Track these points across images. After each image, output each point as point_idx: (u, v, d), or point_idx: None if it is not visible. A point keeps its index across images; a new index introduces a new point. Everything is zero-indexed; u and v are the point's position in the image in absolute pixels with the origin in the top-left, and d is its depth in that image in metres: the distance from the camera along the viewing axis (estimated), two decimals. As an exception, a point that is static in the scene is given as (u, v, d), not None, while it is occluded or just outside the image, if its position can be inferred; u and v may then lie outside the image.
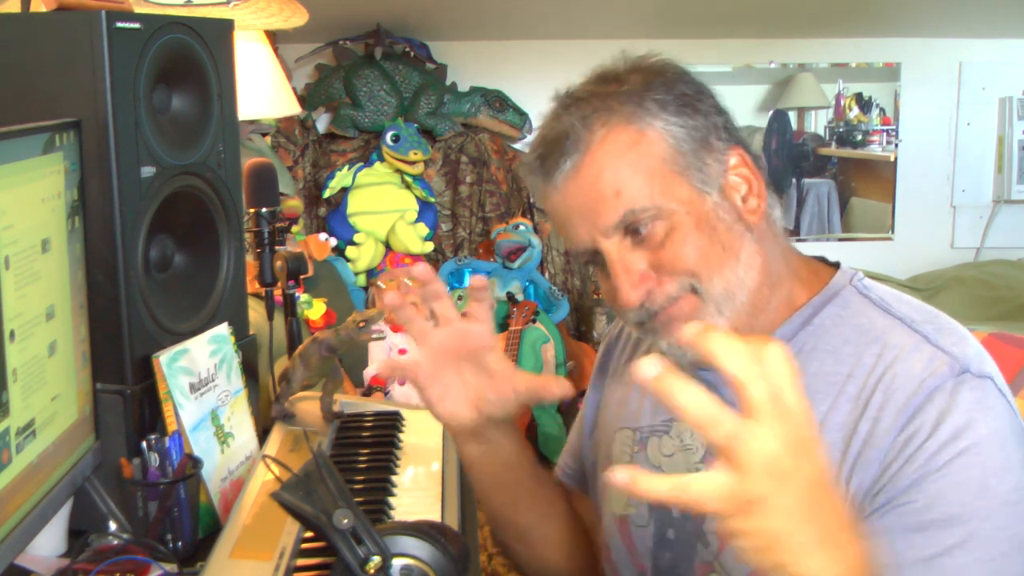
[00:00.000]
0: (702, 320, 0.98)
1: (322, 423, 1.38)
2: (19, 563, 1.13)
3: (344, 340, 1.36)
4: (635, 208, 0.96)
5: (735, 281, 0.98)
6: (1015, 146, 3.53)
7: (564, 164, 0.98)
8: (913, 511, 0.90)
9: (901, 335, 0.97)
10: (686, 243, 0.97)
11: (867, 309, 1.02)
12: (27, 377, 1.02)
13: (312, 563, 1.01)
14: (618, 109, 0.97)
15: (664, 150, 0.97)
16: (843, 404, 0.96)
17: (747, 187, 1.01)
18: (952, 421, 0.90)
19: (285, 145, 3.23)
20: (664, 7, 3.01)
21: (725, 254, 0.98)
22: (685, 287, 0.98)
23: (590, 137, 0.97)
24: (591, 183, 0.97)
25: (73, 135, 1.14)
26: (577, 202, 0.98)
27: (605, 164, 0.96)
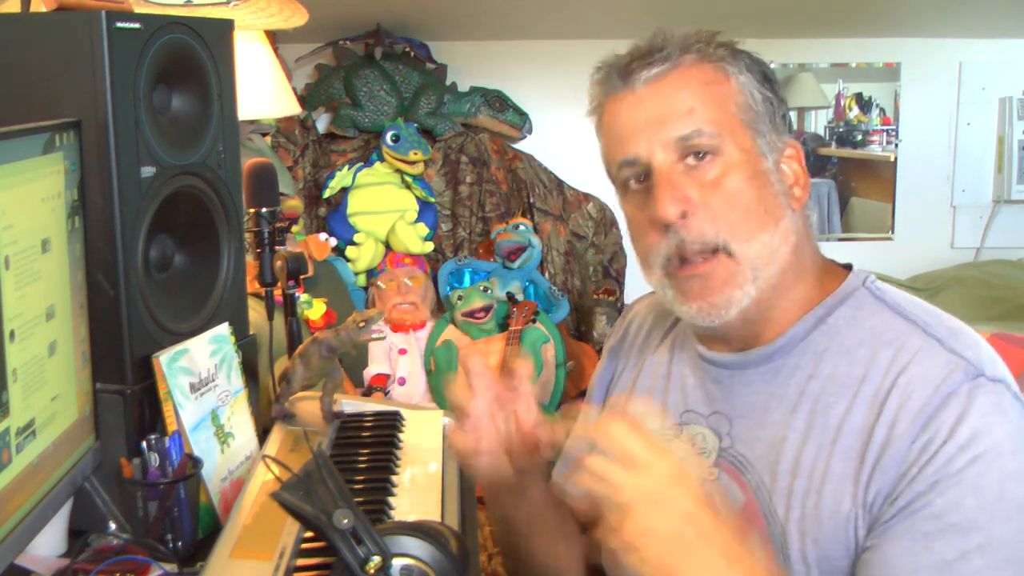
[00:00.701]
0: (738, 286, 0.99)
1: (322, 423, 1.38)
2: (19, 563, 1.13)
3: (344, 340, 1.35)
4: (703, 129, 0.99)
5: (770, 248, 0.99)
6: (1015, 146, 3.53)
7: (651, 70, 1.01)
8: (930, 516, 0.90)
9: (916, 339, 0.97)
10: (737, 188, 0.99)
11: (881, 311, 1.02)
12: (27, 377, 1.02)
13: (312, 563, 1.01)
14: (712, 51, 1.02)
15: (742, 101, 1.01)
16: (859, 407, 0.96)
17: (795, 179, 1.04)
18: (968, 425, 0.90)
19: (285, 145, 3.23)
20: (664, 7, 3.01)
21: (767, 218, 0.99)
22: (718, 239, 0.98)
23: (683, 57, 1.01)
24: (670, 94, 1.00)
25: (73, 135, 1.14)
26: (650, 108, 1.00)
27: (688, 84, 1.00)
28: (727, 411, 1.06)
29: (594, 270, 3.36)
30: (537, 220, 3.29)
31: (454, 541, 0.89)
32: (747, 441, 1.04)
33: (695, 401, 1.09)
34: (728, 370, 1.07)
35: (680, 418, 1.10)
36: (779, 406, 1.02)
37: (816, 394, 0.99)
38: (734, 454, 1.04)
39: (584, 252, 3.36)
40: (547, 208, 3.32)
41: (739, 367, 1.06)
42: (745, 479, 1.03)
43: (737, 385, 1.06)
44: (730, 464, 1.04)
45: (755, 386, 1.04)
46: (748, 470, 1.03)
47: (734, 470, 1.04)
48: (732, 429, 1.05)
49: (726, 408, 1.06)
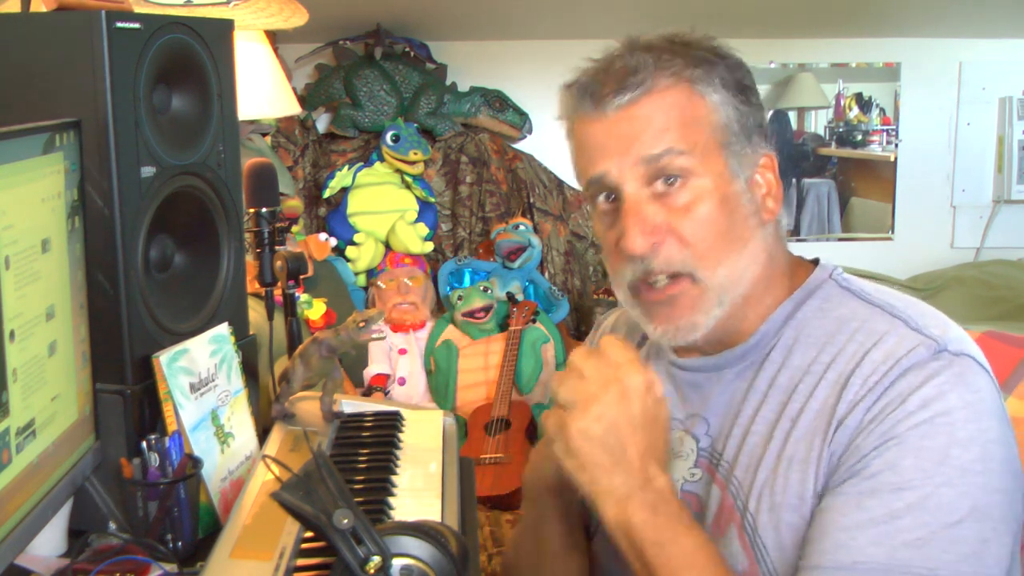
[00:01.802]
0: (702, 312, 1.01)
1: (322, 423, 1.38)
2: (19, 563, 1.13)
3: (344, 340, 1.35)
4: (674, 147, 0.98)
5: (736, 271, 1.00)
6: (1015, 146, 3.53)
7: (622, 96, 0.99)
8: (867, 476, 0.91)
9: (881, 321, 0.98)
10: (706, 216, 0.99)
11: (848, 300, 1.03)
12: (27, 377, 1.02)
13: (312, 563, 1.01)
14: (688, 69, 1.00)
15: (716, 122, 1.00)
16: (821, 390, 0.97)
17: (767, 190, 1.03)
18: (921, 394, 0.91)
19: (285, 145, 3.23)
20: (664, 7, 3.01)
21: (734, 243, 1.00)
22: (687, 268, 0.99)
23: (656, 81, 0.99)
24: (643, 118, 0.99)
25: (73, 135, 1.14)
26: (621, 131, 0.99)
27: (662, 108, 0.99)
28: (704, 412, 1.07)
29: (594, 270, 3.36)
30: (537, 220, 3.29)
31: (454, 541, 0.89)
32: (721, 438, 1.05)
33: (673, 406, 1.10)
34: (704, 373, 1.08)
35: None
36: (751, 399, 1.03)
37: (785, 385, 1.01)
38: (711, 452, 1.06)
39: (584, 252, 3.36)
40: (547, 208, 3.32)
41: (714, 369, 1.07)
42: (720, 476, 1.04)
43: (713, 385, 1.07)
44: (707, 463, 1.06)
45: (730, 384, 1.06)
46: (722, 467, 1.04)
47: (711, 468, 1.05)
48: (709, 428, 1.07)
49: (702, 409, 1.08)
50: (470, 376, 2.91)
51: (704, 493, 1.05)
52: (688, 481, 1.07)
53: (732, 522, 1.01)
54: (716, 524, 1.03)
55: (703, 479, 1.06)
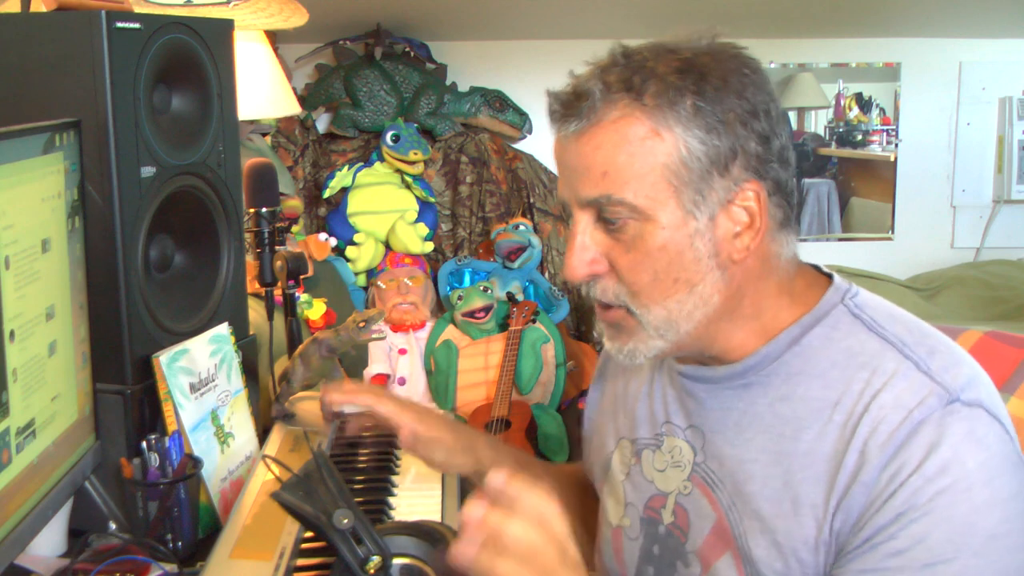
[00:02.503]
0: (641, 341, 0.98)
1: (322, 423, 1.38)
2: (19, 563, 1.13)
3: (344, 340, 1.35)
4: (612, 196, 0.93)
5: (678, 312, 0.96)
6: (1015, 146, 3.53)
7: (570, 125, 0.95)
8: (894, 551, 0.88)
9: (891, 360, 0.94)
10: (645, 257, 0.94)
11: (858, 331, 0.98)
12: (27, 377, 1.02)
13: (312, 563, 1.01)
14: (648, 99, 0.92)
15: (670, 158, 0.92)
16: (831, 432, 0.94)
17: (747, 223, 0.95)
18: (939, 455, 0.88)
19: (285, 145, 3.23)
20: (664, 7, 3.01)
21: (676, 285, 0.95)
22: (621, 301, 0.97)
23: (605, 112, 0.92)
24: (586, 153, 0.94)
25: (73, 135, 1.14)
26: (569, 161, 0.96)
27: (604, 143, 0.93)
28: (701, 425, 1.05)
29: (594, 270, 3.36)
30: (537, 220, 3.29)
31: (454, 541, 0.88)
32: (718, 457, 1.02)
33: (674, 413, 1.08)
34: (703, 384, 1.05)
35: (661, 428, 1.10)
36: (750, 424, 1.00)
37: (788, 417, 0.97)
38: (706, 469, 1.03)
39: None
40: (547, 208, 3.32)
41: (712, 382, 1.04)
42: (716, 496, 1.01)
43: (710, 399, 1.04)
44: (702, 480, 1.03)
45: (728, 402, 1.02)
46: (718, 487, 1.01)
47: (705, 486, 1.03)
48: (705, 444, 1.04)
49: (700, 422, 1.05)
50: (470, 376, 2.91)
51: (694, 510, 1.03)
52: (681, 493, 1.05)
53: (728, 549, 0.99)
54: (707, 545, 1.01)
55: (693, 494, 1.04)
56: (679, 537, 1.05)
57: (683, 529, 1.04)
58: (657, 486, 1.08)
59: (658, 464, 1.09)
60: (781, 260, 0.99)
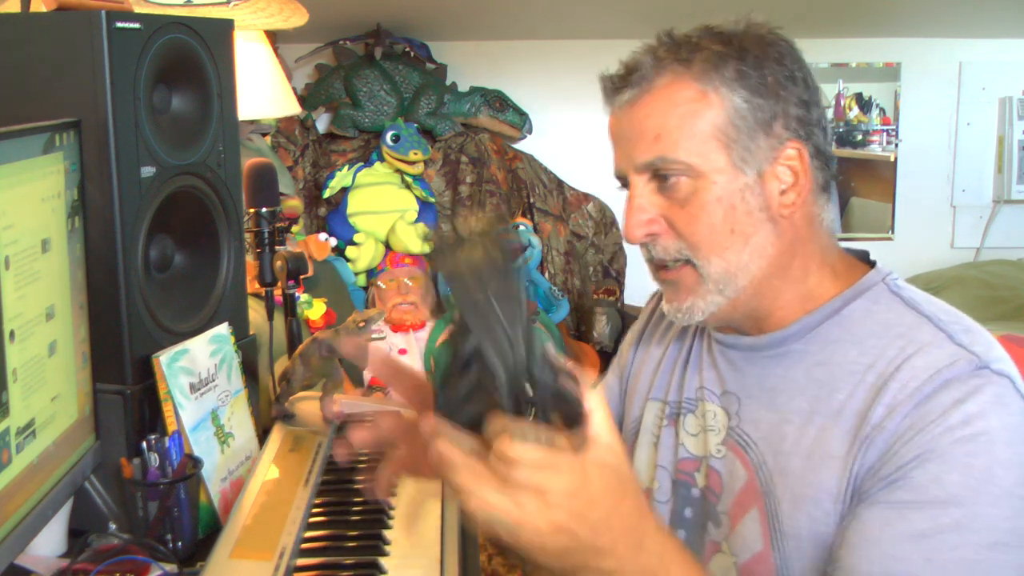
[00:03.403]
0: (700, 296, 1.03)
1: (322, 423, 1.38)
2: (19, 563, 1.13)
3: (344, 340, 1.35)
4: (666, 156, 0.99)
5: (736, 264, 1.01)
6: (1015, 146, 3.53)
7: (623, 94, 1.02)
8: (911, 487, 0.90)
9: (926, 332, 0.99)
10: (701, 211, 1.00)
11: (896, 305, 1.03)
12: (27, 377, 1.02)
13: (312, 563, 1.01)
14: (694, 66, 1.00)
15: (718, 117, 0.99)
16: (861, 392, 0.98)
17: (791, 182, 1.02)
18: (964, 409, 0.91)
19: (285, 145, 3.22)
20: (664, 7, 3.01)
21: (732, 237, 1.01)
22: (682, 255, 1.02)
23: (655, 80, 1.00)
24: (639, 120, 1.01)
25: (73, 135, 1.14)
26: (623, 131, 1.03)
27: (656, 109, 1.00)
28: (737, 391, 1.09)
29: (594, 270, 3.36)
30: (537, 220, 3.28)
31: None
32: (753, 421, 1.06)
33: (710, 380, 1.12)
34: (741, 351, 1.09)
35: (695, 394, 1.13)
36: (786, 388, 1.04)
37: (823, 380, 1.01)
38: (740, 433, 1.07)
39: (584, 252, 3.36)
40: (547, 208, 3.32)
41: (751, 349, 1.08)
42: (748, 458, 1.05)
43: (748, 366, 1.08)
44: (735, 442, 1.07)
45: (766, 368, 1.06)
46: (751, 449, 1.05)
47: (739, 448, 1.06)
48: (740, 408, 1.08)
49: (736, 388, 1.09)
50: (470, 376, 2.90)
51: (727, 472, 1.07)
52: (714, 457, 1.08)
53: (755, 504, 1.02)
54: (737, 503, 1.04)
55: (727, 457, 1.07)
56: (712, 500, 1.08)
57: (715, 491, 1.08)
58: (689, 449, 1.12)
59: (692, 428, 1.13)
60: (823, 225, 1.06)
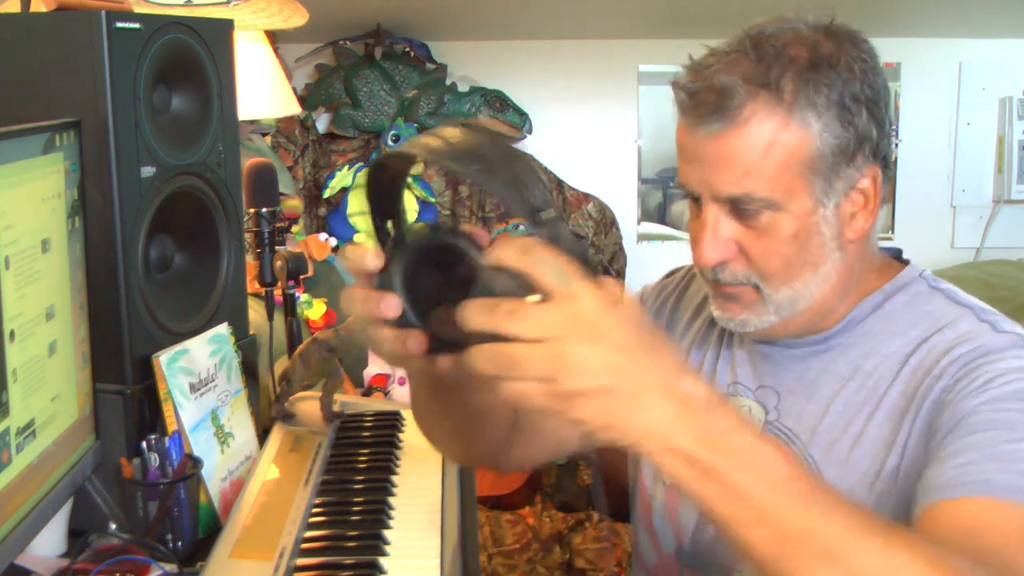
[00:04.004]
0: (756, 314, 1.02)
1: (322, 423, 1.38)
2: (19, 563, 1.13)
3: (344, 340, 1.35)
4: (752, 195, 0.96)
5: (802, 292, 1.01)
6: (1015, 146, 3.52)
7: (711, 123, 0.96)
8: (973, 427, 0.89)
9: (968, 321, 1.01)
10: (777, 243, 0.98)
11: (937, 299, 1.05)
12: (27, 377, 1.02)
13: (312, 563, 1.01)
14: (787, 93, 0.94)
15: (807, 152, 0.96)
16: (905, 375, 0.99)
17: (862, 205, 1.01)
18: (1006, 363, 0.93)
19: (285, 145, 3.22)
20: (664, 7, 3.01)
21: (804, 268, 1.00)
22: (750, 281, 1.01)
23: (749, 112, 0.94)
24: (727, 153, 0.96)
25: (73, 135, 1.14)
26: (707, 156, 0.97)
27: (746, 144, 0.95)
28: (775, 385, 1.08)
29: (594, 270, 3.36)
30: (537, 220, 3.28)
31: None
32: (794, 415, 1.06)
33: (743, 375, 1.12)
34: (779, 347, 1.09)
35: (728, 389, 1.12)
36: (830, 381, 1.05)
37: (868, 371, 1.02)
38: (780, 427, 1.06)
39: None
40: (547, 208, 3.32)
41: (791, 347, 1.08)
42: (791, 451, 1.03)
43: (787, 361, 1.08)
44: (775, 437, 1.05)
45: (807, 362, 1.07)
46: (795, 443, 1.05)
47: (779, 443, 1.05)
48: (780, 403, 1.08)
49: (774, 382, 1.09)
50: (470, 376, 2.90)
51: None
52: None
53: None
54: None
55: None
56: None
57: None
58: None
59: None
60: (874, 235, 1.06)
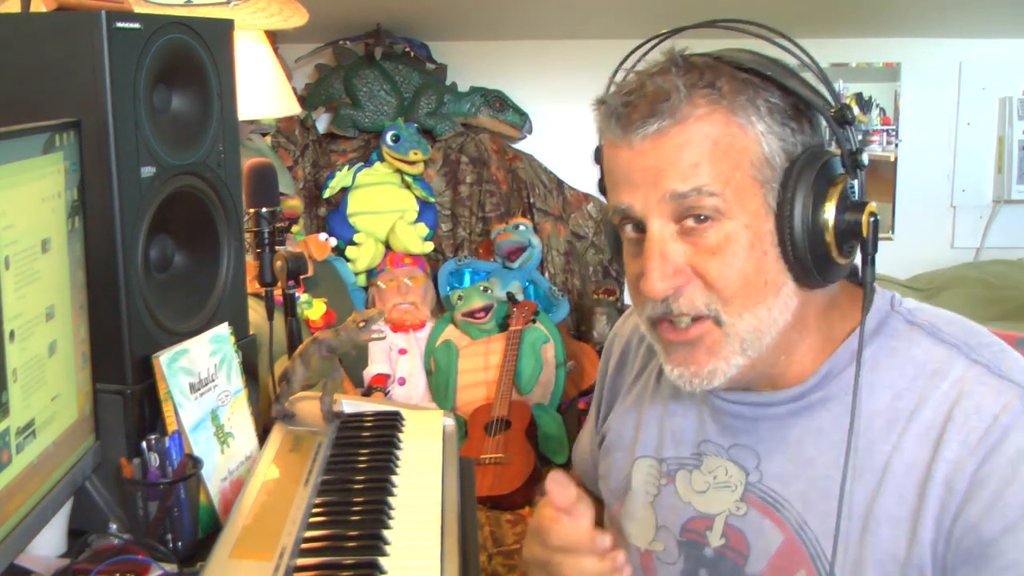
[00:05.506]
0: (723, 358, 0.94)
1: (322, 423, 1.38)
2: (19, 563, 1.13)
3: (344, 340, 1.35)
4: (705, 187, 0.89)
5: (766, 320, 0.93)
6: (1015, 146, 3.53)
7: (650, 125, 0.90)
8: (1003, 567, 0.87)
9: (961, 366, 0.94)
10: (735, 258, 0.91)
11: (919, 337, 0.97)
12: (27, 377, 1.02)
13: (312, 563, 1.01)
14: (728, 95, 0.90)
15: (757, 155, 0.90)
16: (909, 443, 0.93)
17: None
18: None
19: (285, 145, 3.23)
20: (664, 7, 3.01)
21: (766, 288, 0.92)
22: (711, 310, 0.92)
23: (690, 110, 0.89)
24: (672, 150, 0.90)
25: (73, 135, 1.14)
26: (648, 162, 0.91)
27: (694, 138, 0.89)
28: (752, 444, 1.01)
29: (594, 270, 3.36)
30: (537, 220, 3.29)
31: None
32: (781, 477, 0.99)
33: (712, 432, 1.05)
34: (749, 406, 1.01)
35: (698, 448, 1.06)
36: (816, 442, 0.97)
37: (858, 431, 0.94)
38: (765, 490, 1.00)
39: (584, 252, 3.36)
40: (547, 208, 3.32)
41: (764, 405, 1.00)
42: (782, 517, 0.98)
43: (763, 418, 1.01)
44: (761, 500, 1.00)
45: (786, 420, 0.99)
46: (785, 508, 0.98)
47: (767, 507, 1.00)
48: (761, 464, 1.01)
49: (751, 441, 1.02)
50: (470, 376, 2.91)
51: (752, 531, 1.00)
52: (733, 515, 1.02)
53: (802, 568, 0.96)
54: (775, 567, 0.98)
55: (750, 515, 1.01)
56: (735, 560, 1.01)
57: (740, 551, 1.01)
58: (697, 508, 1.05)
59: (697, 485, 1.05)
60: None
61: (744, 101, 0.90)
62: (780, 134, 0.91)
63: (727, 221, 0.91)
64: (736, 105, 0.90)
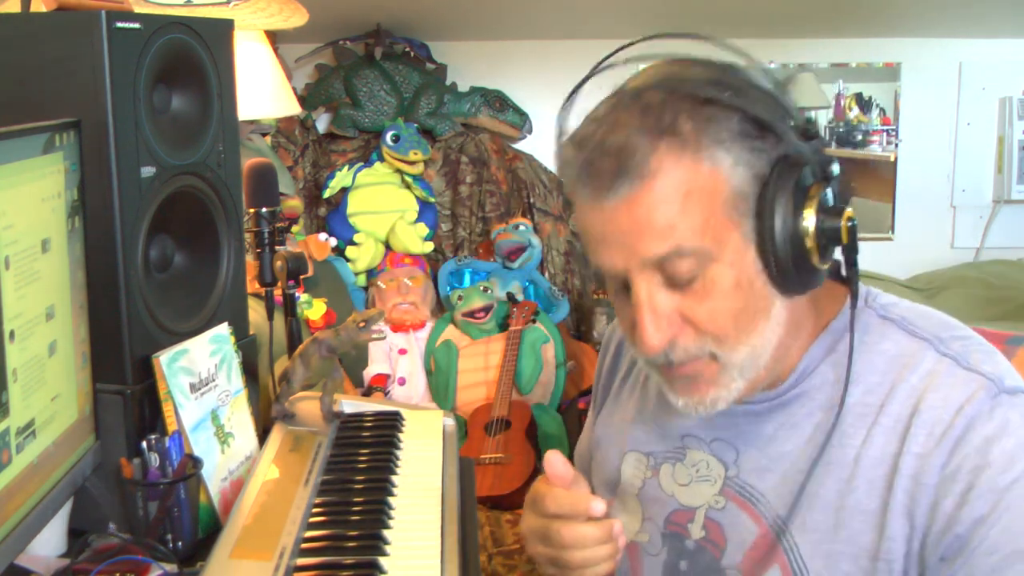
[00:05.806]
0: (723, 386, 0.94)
1: (322, 423, 1.38)
2: (19, 563, 1.13)
3: (344, 340, 1.35)
4: (683, 247, 0.88)
5: (760, 344, 0.93)
6: (1015, 146, 3.53)
7: (618, 187, 0.87)
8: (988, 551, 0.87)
9: (931, 360, 0.94)
10: (723, 300, 0.90)
11: (891, 331, 0.98)
12: (27, 377, 1.02)
13: (312, 563, 1.01)
14: (691, 135, 0.87)
15: (726, 191, 0.88)
16: (878, 437, 0.93)
17: None
18: (1000, 448, 0.88)
19: (285, 145, 3.23)
20: (664, 7, 3.01)
21: (757, 317, 0.92)
22: (704, 351, 0.92)
23: (657, 164, 0.86)
24: (644, 212, 0.87)
25: (73, 135, 1.14)
26: (622, 227, 0.89)
27: (665, 195, 0.87)
28: (731, 439, 1.03)
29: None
30: (537, 220, 3.29)
31: None
32: (756, 472, 1.01)
33: (695, 425, 1.06)
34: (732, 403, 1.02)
35: (681, 441, 1.08)
36: (790, 436, 0.99)
37: (829, 426, 0.95)
38: (742, 484, 1.02)
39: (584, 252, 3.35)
40: (547, 208, 3.32)
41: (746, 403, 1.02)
42: (758, 511, 1.00)
43: (743, 415, 1.02)
44: (738, 494, 1.02)
45: (761, 416, 1.01)
46: (760, 502, 1.00)
47: (744, 501, 1.01)
48: (739, 458, 1.02)
49: (730, 436, 1.03)
50: (470, 376, 2.91)
51: (729, 523, 1.02)
52: (712, 508, 1.04)
53: (776, 562, 0.98)
54: (750, 559, 0.99)
55: (728, 508, 1.02)
56: (712, 552, 1.03)
57: (717, 544, 1.02)
58: (680, 500, 1.07)
59: (680, 478, 1.07)
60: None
61: (708, 141, 0.87)
62: (748, 161, 0.88)
63: (711, 266, 0.89)
64: (701, 146, 0.87)
